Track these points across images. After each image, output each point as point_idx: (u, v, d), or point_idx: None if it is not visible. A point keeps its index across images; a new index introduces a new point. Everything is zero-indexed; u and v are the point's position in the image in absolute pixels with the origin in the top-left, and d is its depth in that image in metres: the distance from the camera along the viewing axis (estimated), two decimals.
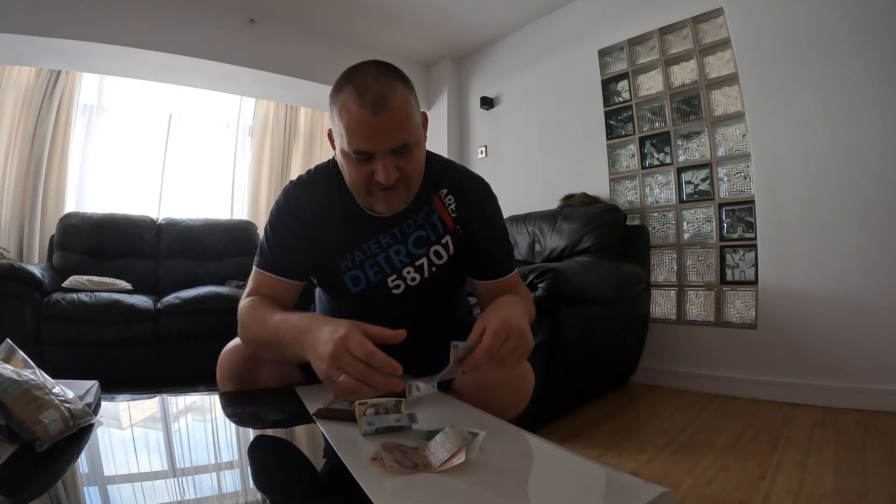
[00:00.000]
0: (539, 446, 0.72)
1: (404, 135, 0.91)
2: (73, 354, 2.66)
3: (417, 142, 0.95)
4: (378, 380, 0.72)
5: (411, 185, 0.99)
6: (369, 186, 0.95)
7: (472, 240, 1.10)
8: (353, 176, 0.95)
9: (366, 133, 0.88)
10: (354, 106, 0.88)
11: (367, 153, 0.91)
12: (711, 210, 2.80)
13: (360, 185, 0.96)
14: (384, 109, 0.87)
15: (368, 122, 0.87)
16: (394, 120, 0.89)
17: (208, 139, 4.60)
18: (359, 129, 0.88)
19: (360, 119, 0.87)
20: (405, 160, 0.93)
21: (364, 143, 0.89)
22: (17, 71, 3.59)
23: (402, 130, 0.90)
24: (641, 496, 0.53)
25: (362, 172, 0.94)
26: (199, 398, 1.10)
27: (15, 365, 0.74)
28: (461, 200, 1.10)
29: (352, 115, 0.88)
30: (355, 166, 0.94)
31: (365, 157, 0.91)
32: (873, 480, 1.51)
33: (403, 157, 0.93)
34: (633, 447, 1.89)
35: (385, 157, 0.91)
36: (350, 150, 0.91)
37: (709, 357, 2.75)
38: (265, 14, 3.68)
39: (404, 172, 0.94)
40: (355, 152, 0.91)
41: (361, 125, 0.88)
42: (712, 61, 2.81)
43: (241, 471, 0.72)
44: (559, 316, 2.00)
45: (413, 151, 0.94)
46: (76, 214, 3.48)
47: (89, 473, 0.66)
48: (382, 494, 0.53)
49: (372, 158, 0.92)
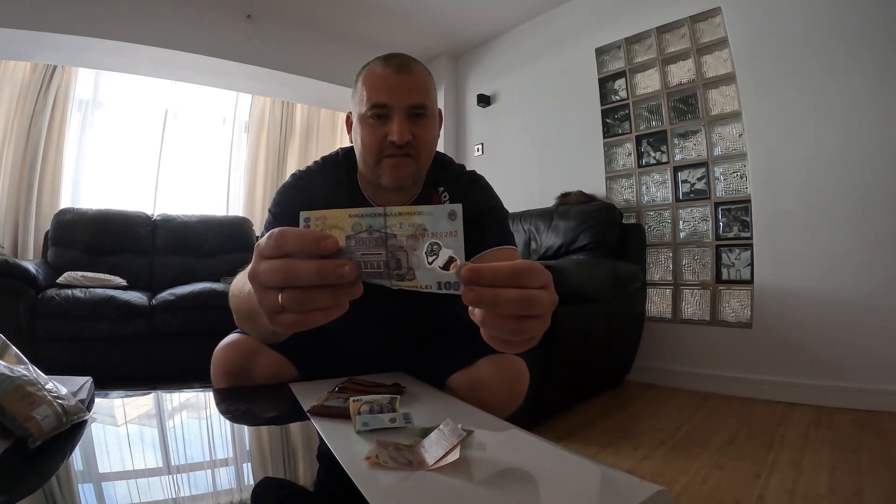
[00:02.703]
0: (534, 444, 0.72)
1: (422, 96, 0.95)
2: (68, 351, 2.65)
3: (432, 114, 0.99)
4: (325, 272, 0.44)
5: (421, 160, 1.00)
6: (380, 152, 0.97)
7: (469, 224, 1.10)
8: (366, 139, 0.97)
9: (386, 87, 0.93)
10: (379, 68, 0.95)
11: (384, 107, 0.94)
12: (707, 209, 2.80)
13: (371, 148, 0.97)
14: (406, 71, 0.94)
15: (390, 78, 0.93)
16: (414, 81, 0.94)
17: (204, 135, 4.59)
18: (381, 84, 0.93)
19: (383, 76, 0.94)
20: (419, 126, 0.96)
21: (382, 96, 0.93)
22: (13, 66, 3.57)
23: (421, 92, 0.95)
24: (637, 495, 0.53)
25: (376, 134, 0.96)
26: (194, 395, 1.09)
27: (8, 361, 0.73)
28: (454, 192, 1.11)
29: (375, 74, 0.95)
30: (370, 128, 0.96)
31: (381, 112, 0.94)
32: (868, 480, 1.52)
33: (418, 122, 0.96)
34: (628, 446, 1.90)
35: (401, 115, 0.94)
36: (368, 106, 0.94)
37: (704, 356, 2.75)
38: (262, 10, 3.67)
39: (417, 140, 0.96)
40: (373, 106, 0.94)
41: (383, 81, 0.93)
42: (709, 60, 2.82)
43: (236, 467, 0.72)
44: (554, 314, 1.98)
45: (427, 121, 0.97)
46: (71, 210, 3.46)
47: (82, 470, 0.65)
48: (377, 492, 0.52)
49: (388, 119, 0.94)
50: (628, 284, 2.63)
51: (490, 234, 1.09)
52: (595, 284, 2.31)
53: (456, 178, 1.13)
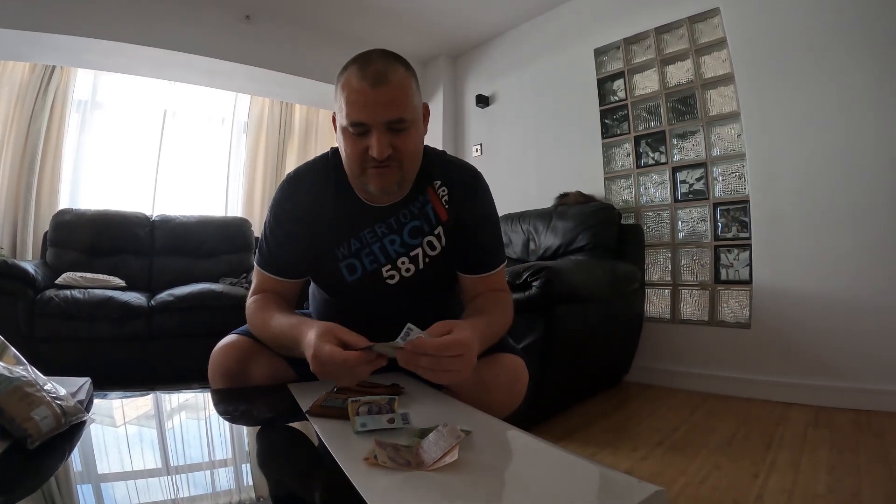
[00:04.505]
0: (532, 445, 0.72)
1: (400, 110, 0.93)
2: (67, 351, 2.65)
3: (414, 122, 0.97)
4: (355, 373, 0.80)
5: (405, 167, 0.99)
6: (363, 164, 0.97)
7: (463, 232, 1.10)
8: (349, 151, 0.97)
9: (362, 104, 0.91)
10: (355, 79, 0.92)
11: (363, 125, 0.93)
12: (706, 209, 2.81)
13: (354, 160, 0.97)
14: (382, 83, 0.91)
15: (366, 93, 0.90)
16: (390, 94, 0.92)
17: (203, 136, 4.59)
18: (357, 100, 0.91)
19: (359, 91, 0.91)
20: (400, 138, 0.95)
21: (360, 114, 0.92)
22: (12, 66, 3.57)
23: (398, 106, 0.93)
24: (635, 495, 0.53)
25: (357, 148, 0.95)
26: (193, 396, 1.09)
27: (6, 362, 0.73)
28: (453, 192, 1.10)
29: (352, 87, 0.92)
30: (352, 141, 0.95)
31: (361, 129, 0.93)
32: (867, 480, 1.52)
33: (399, 134, 0.94)
34: (626, 446, 1.90)
35: (380, 130, 0.92)
36: (347, 122, 0.93)
37: (703, 356, 2.76)
38: (261, 10, 3.67)
39: (398, 151, 0.95)
40: (352, 124, 0.93)
41: (359, 96, 0.91)
42: (708, 61, 2.82)
43: (235, 468, 0.72)
44: (553, 314, 2.00)
45: (408, 131, 0.96)
46: (70, 211, 3.46)
47: (81, 471, 0.66)
48: (374, 492, 0.52)
49: (367, 133, 0.93)
50: (627, 285, 2.63)
51: (483, 244, 1.13)
52: (594, 285, 2.31)
53: (459, 174, 1.13)
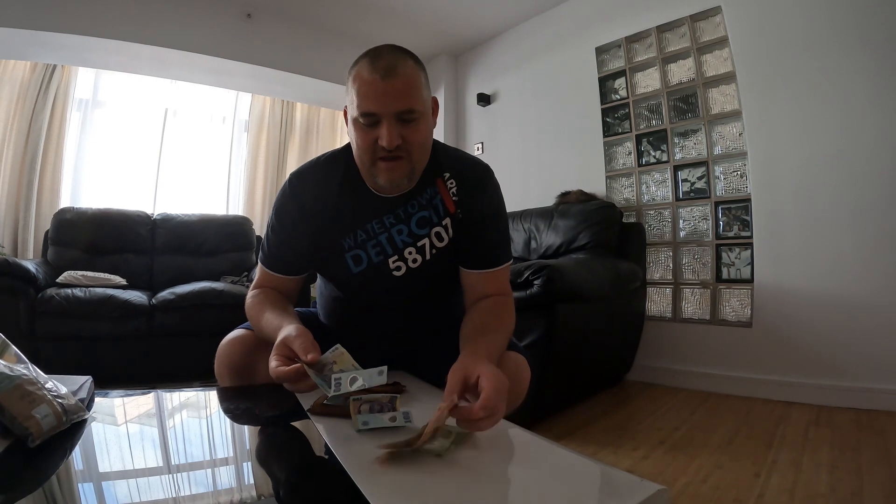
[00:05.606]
0: (534, 443, 0.72)
1: (409, 101, 0.95)
2: (68, 350, 2.65)
3: (423, 114, 0.98)
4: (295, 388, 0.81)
5: (415, 159, 1.00)
6: (373, 155, 0.98)
7: (470, 226, 1.10)
8: (360, 142, 0.98)
9: (373, 95, 0.93)
10: (366, 71, 0.94)
11: (373, 115, 0.94)
12: (708, 208, 2.80)
13: (365, 151, 0.98)
14: (392, 75, 0.93)
15: (377, 84, 0.92)
16: (400, 86, 0.94)
17: (204, 134, 4.59)
18: (368, 91, 0.93)
19: (370, 82, 0.93)
20: (409, 129, 0.96)
21: (370, 105, 0.93)
22: (13, 65, 3.57)
23: (408, 97, 0.95)
24: (637, 494, 0.53)
25: (368, 138, 0.96)
26: (194, 394, 1.09)
27: (7, 360, 0.73)
28: (462, 186, 1.11)
29: (363, 79, 0.94)
30: (362, 132, 0.97)
31: (371, 120, 0.95)
32: (868, 479, 1.52)
33: (408, 126, 0.96)
34: (628, 445, 1.90)
35: (389, 120, 0.94)
36: (358, 113, 0.95)
37: (704, 355, 2.75)
38: (262, 9, 3.66)
39: (407, 142, 0.96)
40: (362, 115, 0.94)
41: (370, 88, 0.93)
42: (710, 59, 2.81)
43: (236, 467, 0.72)
44: (555, 313, 2.00)
45: (418, 122, 0.97)
46: (71, 210, 3.46)
47: (82, 469, 0.65)
48: (377, 490, 0.52)
49: (378, 124, 0.95)
50: (628, 283, 2.63)
51: (490, 240, 1.12)
52: (595, 284, 2.31)
53: (469, 168, 1.13)
